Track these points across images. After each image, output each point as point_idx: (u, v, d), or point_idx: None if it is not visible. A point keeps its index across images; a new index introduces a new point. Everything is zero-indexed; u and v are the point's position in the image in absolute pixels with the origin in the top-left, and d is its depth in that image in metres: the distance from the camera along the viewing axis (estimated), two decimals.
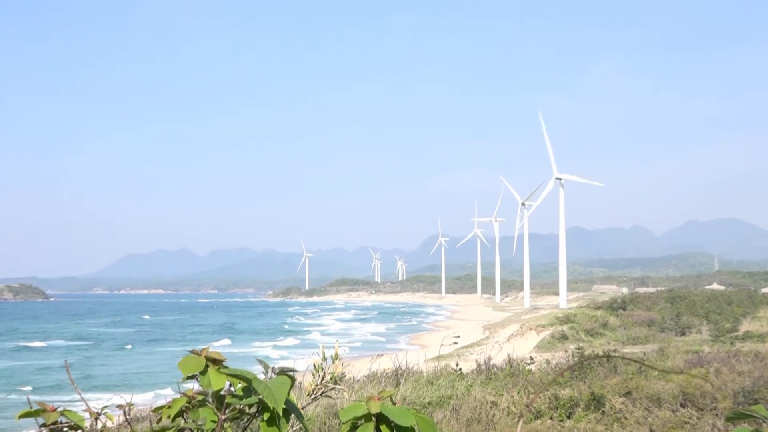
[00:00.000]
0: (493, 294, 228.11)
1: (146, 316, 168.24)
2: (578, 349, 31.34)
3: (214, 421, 2.44)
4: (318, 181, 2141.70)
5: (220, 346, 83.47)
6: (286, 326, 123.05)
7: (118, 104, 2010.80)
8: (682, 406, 15.29)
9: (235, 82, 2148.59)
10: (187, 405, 2.48)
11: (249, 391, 2.51)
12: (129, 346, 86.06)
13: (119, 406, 2.68)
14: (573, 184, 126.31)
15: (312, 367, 3.58)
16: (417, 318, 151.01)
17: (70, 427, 2.38)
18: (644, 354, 32.61)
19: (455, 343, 70.41)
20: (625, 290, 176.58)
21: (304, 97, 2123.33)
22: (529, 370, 22.36)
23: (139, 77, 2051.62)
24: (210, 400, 2.46)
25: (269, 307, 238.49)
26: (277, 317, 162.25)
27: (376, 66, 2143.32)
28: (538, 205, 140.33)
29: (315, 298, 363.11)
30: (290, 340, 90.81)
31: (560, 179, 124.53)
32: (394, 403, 2.51)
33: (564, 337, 58.58)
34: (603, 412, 15.77)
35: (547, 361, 28.13)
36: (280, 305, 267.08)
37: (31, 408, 2.34)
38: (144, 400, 36.61)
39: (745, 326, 58.18)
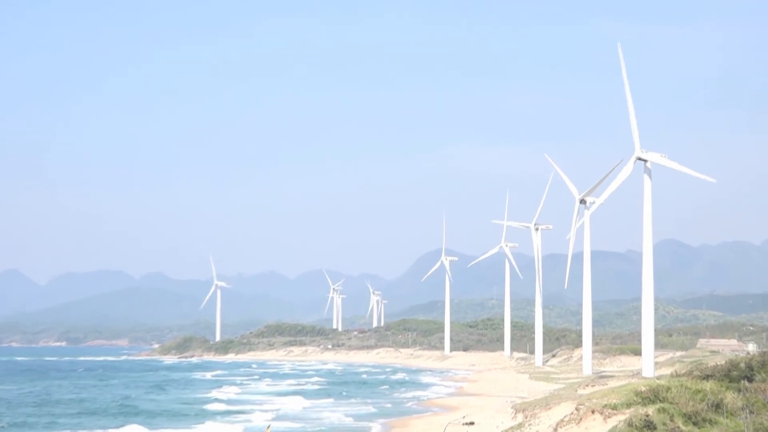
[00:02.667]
0: (531, 352, 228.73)
1: None
2: None
3: None
4: (240, 163, 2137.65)
5: None
6: (217, 405, 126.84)
7: None
8: None
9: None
10: None
11: None
12: None
13: None
14: (664, 172, 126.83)
15: None
16: (405, 391, 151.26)
17: None
18: None
19: None
20: (752, 347, 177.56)
21: (219, 34, 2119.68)
22: None
23: None
24: None
25: (172, 371, 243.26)
26: (194, 388, 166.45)
27: None
28: (607, 205, 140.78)
29: (232, 356, 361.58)
30: (228, 428, 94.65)
31: (645, 160, 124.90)
32: None
33: (650, 426, 58.50)
34: None
35: None
36: (186, 368, 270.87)
37: None
38: None
39: None
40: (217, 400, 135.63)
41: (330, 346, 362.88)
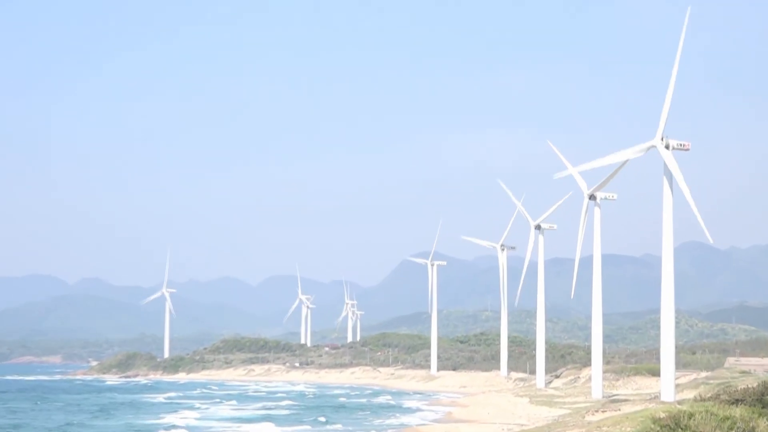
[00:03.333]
0: (532, 372, 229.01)
1: None
2: None
3: None
4: (194, 155, 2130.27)
5: None
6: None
7: None
8: None
9: None
10: None
11: None
12: None
13: None
14: (688, 163, 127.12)
15: None
16: (388, 417, 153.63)
17: None
18: None
19: None
20: None
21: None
22: None
23: None
24: None
25: (118, 393, 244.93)
26: (145, 412, 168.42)
27: None
28: (622, 202, 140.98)
29: (183, 376, 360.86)
30: None
31: (668, 145, 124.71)
32: None
33: None
34: None
35: None
36: (133, 389, 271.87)
37: None
38: None
39: None
40: (174, 426, 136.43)
41: (297, 365, 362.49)
